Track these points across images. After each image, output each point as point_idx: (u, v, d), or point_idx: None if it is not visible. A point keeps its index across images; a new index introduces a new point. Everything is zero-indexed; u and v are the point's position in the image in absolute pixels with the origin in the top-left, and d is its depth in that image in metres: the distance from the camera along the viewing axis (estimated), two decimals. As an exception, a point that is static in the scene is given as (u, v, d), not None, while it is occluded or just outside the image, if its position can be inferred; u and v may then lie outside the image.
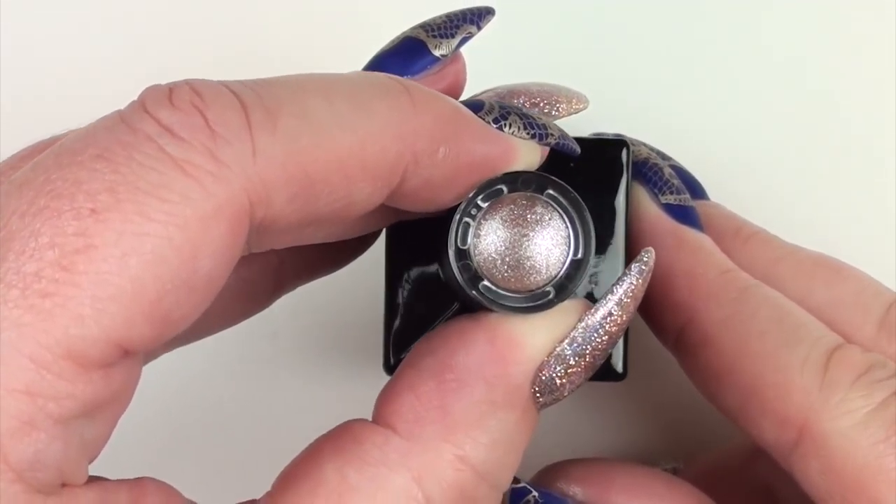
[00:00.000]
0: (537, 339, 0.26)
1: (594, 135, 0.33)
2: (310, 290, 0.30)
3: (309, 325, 0.37)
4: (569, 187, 0.26)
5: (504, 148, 0.26)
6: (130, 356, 0.22)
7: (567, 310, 0.26)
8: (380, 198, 0.24)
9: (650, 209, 0.31)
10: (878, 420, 0.27)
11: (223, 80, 0.23)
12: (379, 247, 0.29)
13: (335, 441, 0.24)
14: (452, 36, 0.28)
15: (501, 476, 0.25)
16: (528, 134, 0.26)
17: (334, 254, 0.29)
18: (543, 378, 0.26)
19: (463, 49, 0.28)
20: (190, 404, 0.37)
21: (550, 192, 0.26)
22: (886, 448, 0.27)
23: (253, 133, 0.22)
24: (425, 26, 0.28)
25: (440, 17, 0.28)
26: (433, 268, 0.29)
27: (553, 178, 0.26)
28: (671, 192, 0.32)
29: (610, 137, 0.32)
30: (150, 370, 0.25)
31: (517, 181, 0.26)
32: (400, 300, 0.28)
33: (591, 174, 0.29)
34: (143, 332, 0.22)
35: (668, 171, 0.32)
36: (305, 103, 0.23)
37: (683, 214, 0.32)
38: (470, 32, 0.28)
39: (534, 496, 0.30)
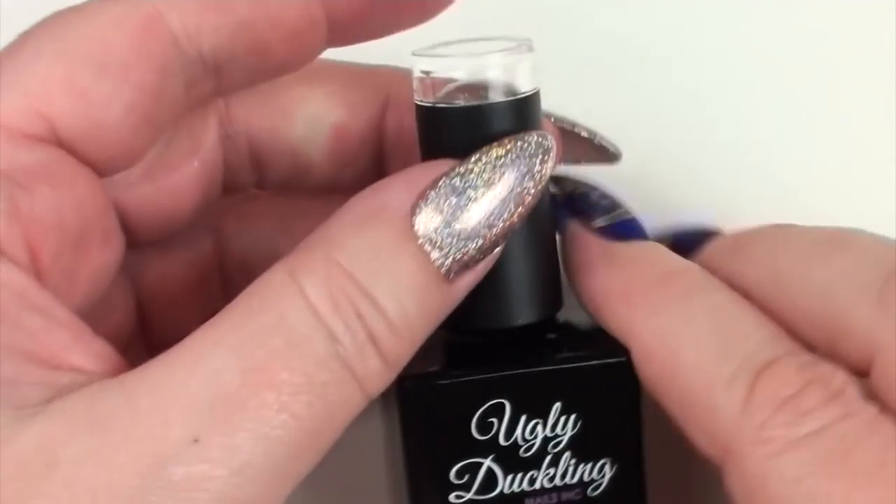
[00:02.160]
0: (412, 175, 0.27)
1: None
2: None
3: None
4: None
5: None
6: (59, 142, 0.27)
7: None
8: None
9: (580, 240, 0.31)
10: (797, 455, 0.26)
11: None
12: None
13: None
14: None
15: (377, 283, 0.26)
16: None
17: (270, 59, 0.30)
18: (422, 203, 0.27)
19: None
20: None
21: None
22: (797, 489, 0.25)
23: None
24: None
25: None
26: None
27: None
28: (600, 214, 0.31)
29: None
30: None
31: None
32: None
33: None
34: (63, 107, 0.27)
35: (596, 194, 0.31)
36: None
37: (621, 230, 0.31)
38: None
39: None
